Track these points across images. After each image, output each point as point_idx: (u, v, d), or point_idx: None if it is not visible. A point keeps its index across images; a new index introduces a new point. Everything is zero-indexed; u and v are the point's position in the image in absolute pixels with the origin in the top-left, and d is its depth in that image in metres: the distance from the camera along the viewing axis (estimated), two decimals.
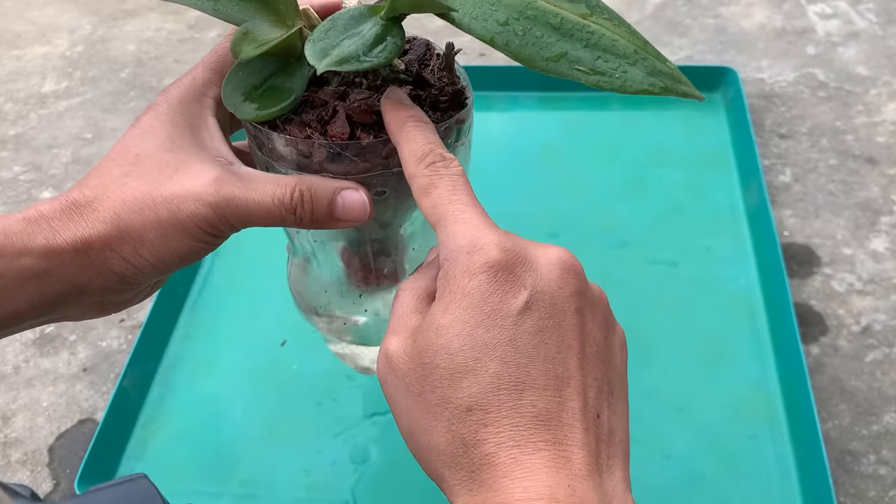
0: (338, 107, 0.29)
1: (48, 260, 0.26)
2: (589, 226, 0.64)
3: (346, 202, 0.28)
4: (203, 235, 0.28)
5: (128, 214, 0.27)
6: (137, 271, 0.28)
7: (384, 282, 0.37)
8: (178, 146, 0.29)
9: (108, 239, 0.27)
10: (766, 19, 0.86)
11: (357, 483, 0.51)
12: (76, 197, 0.28)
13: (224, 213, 0.27)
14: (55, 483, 0.54)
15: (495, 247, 0.25)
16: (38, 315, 0.28)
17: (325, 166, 0.29)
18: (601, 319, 0.27)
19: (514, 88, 0.76)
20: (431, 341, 0.25)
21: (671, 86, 0.27)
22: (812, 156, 0.70)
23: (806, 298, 0.59)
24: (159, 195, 0.27)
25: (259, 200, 0.27)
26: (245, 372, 0.57)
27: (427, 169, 0.27)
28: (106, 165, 0.29)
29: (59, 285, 0.27)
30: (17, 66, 0.92)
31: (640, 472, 0.49)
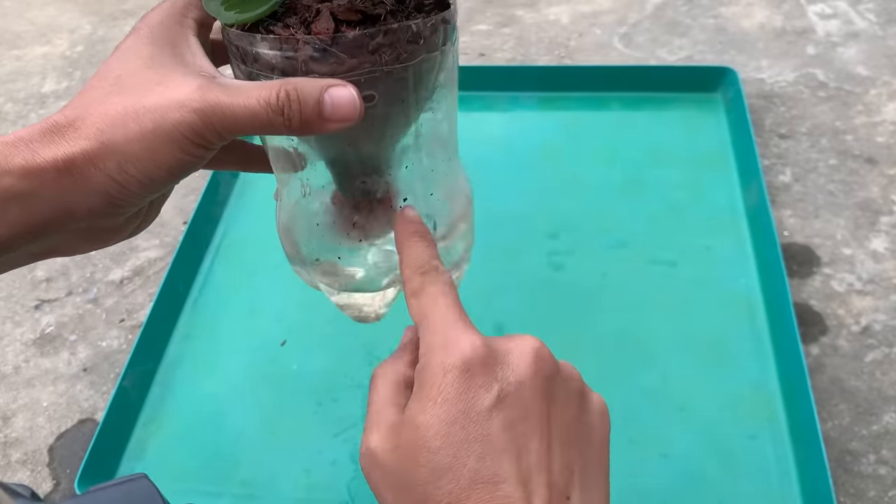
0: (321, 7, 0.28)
1: (28, 180, 0.26)
2: (589, 226, 0.64)
3: (334, 99, 0.27)
4: (190, 146, 0.27)
5: (111, 129, 0.26)
6: (124, 189, 0.27)
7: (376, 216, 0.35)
8: (159, 63, 0.28)
9: (92, 155, 0.26)
10: (765, 19, 0.86)
11: (357, 483, 0.51)
12: (57, 119, 0.27)
13: (210, 120, 0.26)
14: (55, 483, 0.54)
15: (469, 346, 0.27)
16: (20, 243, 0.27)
17: (311, 67, 0.28)
18: (574, 398, 0.29)
19: (514, 88, 0.76)
20: (413, 440, 0.27)
21: None
22: (812, 156, 0.70)
23: (806, 298, 0.59)
24: (142, 107, 0.26)
25: (245, 104, 0.26)
26: (245, 372, 0.57)
27: (420, 276, 0.30)
28: (87, 89, 0.28)
29: (43, 208, 0.26)
30: (18, 67, 0.92)
31: (639, 471, 0.49)
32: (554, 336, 0.57)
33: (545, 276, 0.61)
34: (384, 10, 0.28)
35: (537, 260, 0.62)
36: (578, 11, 0.90)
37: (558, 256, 0.62)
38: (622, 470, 0.49)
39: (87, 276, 0.67)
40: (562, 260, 0.62)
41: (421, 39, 0.29)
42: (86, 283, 0.66)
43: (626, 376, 0.54)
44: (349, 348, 0.57)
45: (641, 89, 0.75)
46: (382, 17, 0.28)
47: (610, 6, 0.90)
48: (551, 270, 0.61)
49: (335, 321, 0.59)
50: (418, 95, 0.31)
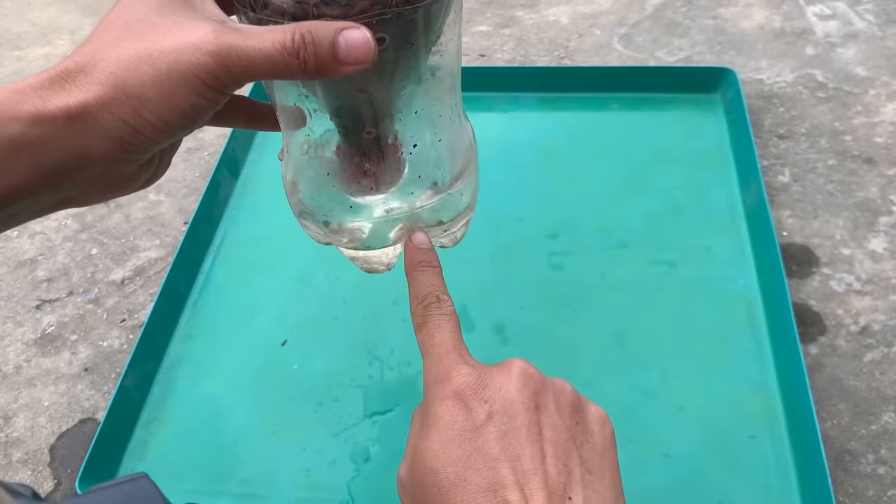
0: None
1: (40, 127, 0.25)
2: (589, 226, 0.64)
3: (348, 41, 0.27)
4: (205, 89, 0.26)
5: (125, 73, 0.26)
6: (138, 134, 0.27)
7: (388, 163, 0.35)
8: (168, 9, 0.28)
9: (106, 100, 0.26)
10: (764, 20, 0.86)
11: (357, 482, 0.51)
12: (66, 65, 0.26)
13: (226, 62, 0.26)
14: (56, 482, 0.54)
15: (458, 376, 0.30)
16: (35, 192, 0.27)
17: (323, 10, 0.28)
18: (567, 408, 0.30)
19: (514, 89, 0.76)
20: (420, 464, 0.29)
21: None
22: (811, 156, 0.70)
23: (805, 298, 0.59)
24: (156, 50, 0.26)
25: (260, 47, 0.26)
26: (246, 371, 0.57)
27: (423, 309, 0.32)
28: (95, 35, 0.27)
29: (55, 154, 0.26)
30: (18, 67, 0.92)
31: (639, 471, 0.49)
32: (554, 336, 0.57)
33: (545, 276, 0.61)
34: None
35: (537, 260, 0.62)
36: (578, 12, 0.90)
37: (558, 256, 0.62)
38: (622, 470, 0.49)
39: (88, 276, 0.67)
40: (562, 260, 0.62)
41: None
42: (87, 283, 0.66)
43: (625, 376, 0.54)
44: (350, 348, 0.58)
45: (641, 90, 0.75)
46: None
47: (609, 7, 0.90)
48: (551, 270, 0.62)
49: (336, 321, 0.60)
50: (427, 38, 0.31)
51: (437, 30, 0.31)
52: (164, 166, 0.32)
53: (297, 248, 0.65)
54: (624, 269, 0.61)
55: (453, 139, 0.36)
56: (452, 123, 0.36)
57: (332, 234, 0.37)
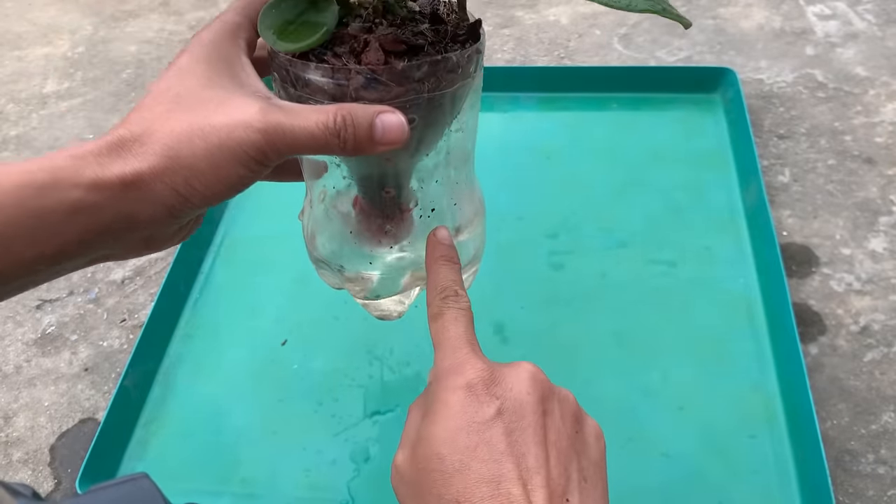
0: (368, 38, 0.31)
1: (97, 193, 0.27)
2: (589, 226, 0.64)
3: (385, 124, 0.29)
4: (252, 163, 0.28)
5: (178, 145, 0.27)
6: (187, 202, 0.28)
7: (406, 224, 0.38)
8: (216, 84, 0.29)
9: (159, 171, 0.27)
10: (764, 20, 0.86)
11: (357, 482, 0.51)
12: (122, 133, 0.28)
13: (273, 140, 0.28)
14: (56, 482, 0.54)
15: (471, 369, 0.31)
16: (85, 251, 0.28)
17: (361, 94, 0.30)
18: (570, 416, 0.32)
19: (514, 89, 0.76)
20: (425, 451, 0.30)
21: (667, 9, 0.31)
22: (811, 156, 0.70)
23: (805, 298, 0.59)
24: (208, 125, 0.28)
25: (304, 126, 0.28)
26: (246, 371, 0.57)
27: (441, 301, 0.34)
28: (146, 105, 0.29)
29: (108, 219, 0.27)
30: (19, 67, 0.92)
31: (639, 471, 0.49)
32: (554, 336, 0.57)
33: (545, 276, 0.61)
34: (425, 40, 0.31)
35: (537, 260, 0.62)
36: (578, 12, 0.90)
37: (558, 256, 0.62)
38: (622, 470, 0.49)
39: (88, 276, 0.67)
40: (562, 260, 0.62)
41: (458, 69, 0.31)
42: (87, 283, 0.66)
43: (625, 376, 0.54)
44: (350, 348, 0.58)
45: (641, 90, 0.75)
46: (424, 47, 0.31)
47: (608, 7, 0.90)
48: (551, 270, 0.62)
49: (336, 321, 0.60)
50: (451, 117, 0.34)
51: (460, 109, 0.34)
52: (197, 225, 0.34)
53: (297, 248, 0.65)
54: (624, 269, 0.61)
55: (466, 200, 0.39)
56: (466, 188, 0.39)
57: (347, 283, 0.40)
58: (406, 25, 0.32)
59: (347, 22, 0.32)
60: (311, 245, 0.40)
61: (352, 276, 0.40)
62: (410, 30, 0.32)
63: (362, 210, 0.37)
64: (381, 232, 0.38)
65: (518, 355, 0.56)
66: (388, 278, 0.40)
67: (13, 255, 0.26)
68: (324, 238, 0.39)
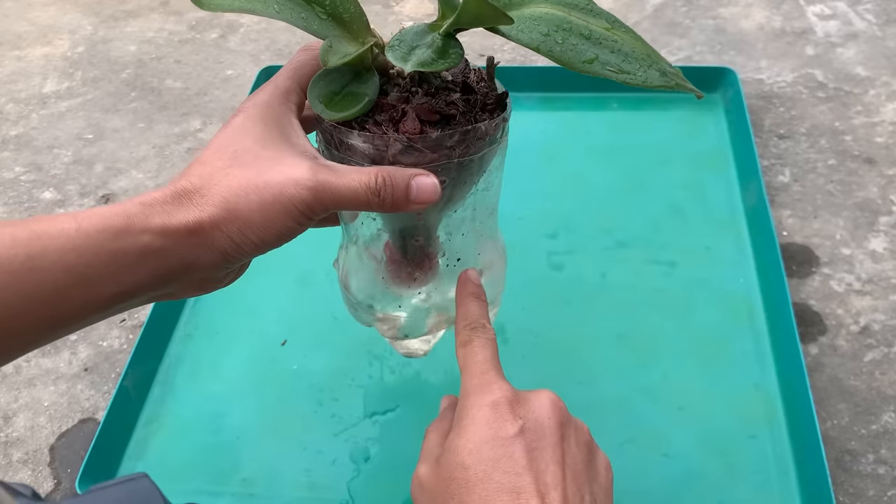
0: (406, 108, 0.34)
1: (164, 238, 0.30)
2: (589, 226, 0.64)
3: (419, 186, 0.33)
4: (300, 216, 0.32)
5: (235, 199, 0.31)
6: (240, 250, 0.32)
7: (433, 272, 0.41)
8: (270, 143, 0.32)
9: (218, 220, 0.31)
10: (765, 20, 0.86)
11: (357, 482, 0.51)
12: (184, 185, 0.31)
13: (320, 196, 0.31)
14: (56, 482, 0.54)
15: (498, 389, 0.34)
16: (152, 289, 0.31)
17: (398, 158, 0.33)
18: (584, 445, 0.34)
19: (515, 89, 0.75)
20: (450, 460, 0.32)
21: (680, 83, 0.33)
22: (811, 156, 0.70)
23: (805, 298, 0.59)
24: (263, 181, 0.31)
25: (349, 185, 0.32)
26: (246, 371, 0.57)
27: (470, 330, 0.37)
28: (206, 160, 0.32)
29: (173, 261, 0.31)
30: (19, 67, 0.92)
31: (639, 471, 0.49)
32: (554, 336, 0.57)
33: (545, 276, 0.61)
34: (457, 110, 0.34)
35: (537, 260, 0.62)
36: None
37: (558, 256, 0.62)
38: (622, 470, 0.49)
39: None
40: (562, 260, 0.62)
41: (486, 136, 0.34)
42: None
43: (625, 376, 0.54)
44: (350, 348, 0.58)
45: (641, 90, 0.75)
46: (456, 117, 0.34)
47: (609, 7, 0.90)
48: (551, 270, 0.62)
49: (336, 321, 0.60)
50: (479, 176, 0.37)
51: (486, 170, 0.37)
52: (243, 270, 0.38)
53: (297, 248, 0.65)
54: (624, 269, 0.61)
55: (489, 250, 0.43)
56: (490, 240, 0.43)
57: (377, 322, 0.44)
58: (439, 94, 0.35)
59: (387, 91, 0.35)
60: (345, 286, 0.44)
61: (382, 317, 0.44)
62: (444, 99, 0.35)
63: (392, 258, 0.41)
64: (409, 278, 0.41)
65: (518, 355, 0.56)
66: (415, 319, 0.44)
67: (95, 292, 0.29)
68: (357, 280, 0.43)
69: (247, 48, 0.92)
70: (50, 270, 0.28)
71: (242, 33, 0.94)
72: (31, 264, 0.28)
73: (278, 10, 0.34)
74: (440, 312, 0.44)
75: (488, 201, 0.40)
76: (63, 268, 0.28)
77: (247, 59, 0.90)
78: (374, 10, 0.94)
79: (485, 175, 0.37)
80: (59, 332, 0.30)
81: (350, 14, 0.34)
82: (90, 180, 0.76)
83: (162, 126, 0.82)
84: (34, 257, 0.28)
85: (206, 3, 0.34)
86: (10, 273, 0.28)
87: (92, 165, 0.78)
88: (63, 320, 0.29)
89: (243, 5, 0.34)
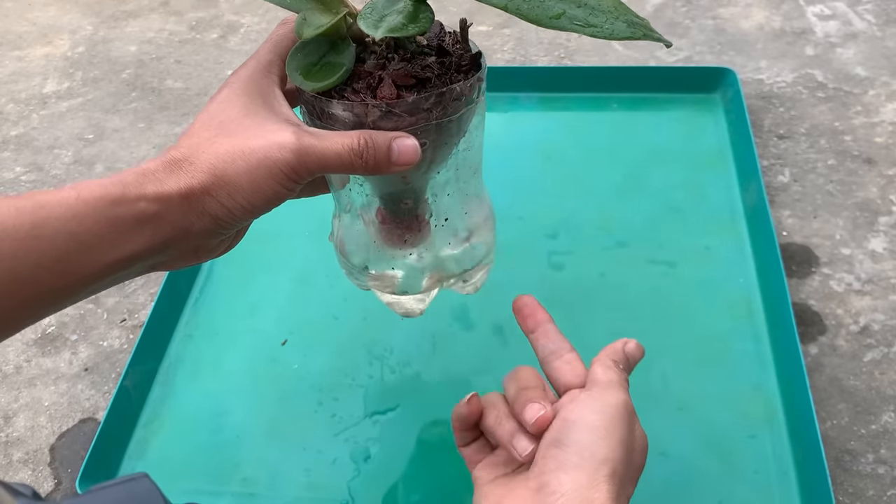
0: (382, 75, 0.34)
1: (159, 204, 0.31)
2: (588, 226, 0.64)
3: (400, 147, 0.34)
4: (286, 180, 0.33)
5: (222, 164, 0.32)
6: (231, 215, 0.33)
7: (422, 233, 0.42)
8: (254, 112, 0.34)
9: (207, 186, 0.32)
10: (764, 20, 0.86)
11: (357, 482, 0.51)
12: (174, 155, 0.33)
13: (304, 160, 0.32)
14: (56, 482, 0.54)
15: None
16: (150, 255, 0.32)
17: (378, 124, 0.34)
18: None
19: (514, 89, 0.76)
20: (641, 444, 0.39)
21: (648, 33, 0.34)
22: (811, 156, 0.70)
23: (804, 298, 0.59)
24: (248, 147, 0.32)
25: (332, 148, 0.33)
26: (246, 371, 0.57)
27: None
28: (194, 131, 0.34)
29: (167, 228, 0.32)
30: (19, 67, 0.92)
31: None
32: None
33: (545, 276, 0.61)
34: (432, 73, 0.35)
35: (537, 260, 0.62)
36: None
37: (558, 256, 0.62)
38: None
39: None
40: (561, 260, 0.62)
41: (463, 96, 0.35)
42: None
43: None
44: (350, 348, 0.58)
45: (641, 90, 0.75)
46: (431, 80, 0.35)
47: None
48: (551, 270, 0.62)
49: (336, 321, 0.60)
50: (458, 137, 0.38)
51: (466, 129, 0.38)
52: (237, 240, 0.39)
53: (297, 248, 0.65)
54: (623, 269, 0.61)
55: (475, 209, 0.44)
56: (476, 198, 0.44)
57: (373, 281, 0.45)
58: (415, 59, 0.36)
59: (364, 58, 0.36)
60: (341, 252, 0.45)
61: (377, 276, 0.44)
62: (419, 63, 0.35)
63: (384, 221, 0.42)
64: (400, 241, 0.42)
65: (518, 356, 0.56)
66: (410, 277, 0.44)
67: (96, 259, 0.30)
68: (352, 245, 0.44)
69: (247, 48, 0.92)
70: (53, 238, 0.29)
71: (242, 33, 0.94)
72: (35, 232, 0.29)
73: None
74: (434, 271, 0.44)
75: (471, 160, 0.41)
76: (66, 235, 0.29)
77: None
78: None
79: (465, 136, 0.38)
80: (64, 300, 0.31)
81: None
82: None
83: (162, 126, 0.82)
84: (38, 225, 0.29)
85: None
86: (17, 241, 0.28)
87: (92, 165, 0.78)
88: (66, 288, 0.30)
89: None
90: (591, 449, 0.35)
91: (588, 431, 0.35)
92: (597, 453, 0.34)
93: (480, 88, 0.37)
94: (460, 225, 0.43)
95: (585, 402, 0.37)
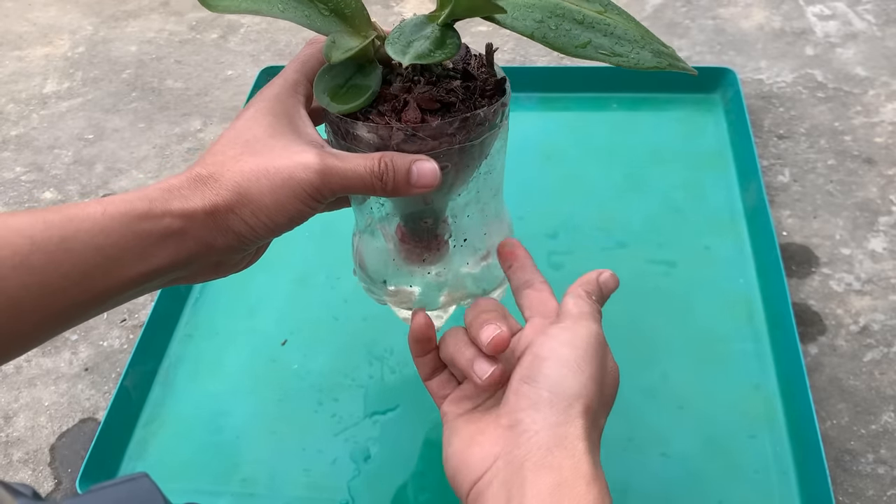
0: (407, 98, 0.35)
1: (184, 220, 0.32)
2: (588, 226, 0.64)
3: (420, 170, 0.34)
4: (308, 199, 0.33)
5: (247, 183, 0.33)
6: (254, 232, 0.33)
7: (441, 253, 0.43)
8: (280, 133, 0.34)
9: (232, 203, 0.32)
10: (764, 20, 0.86)
11: (357, 482, 0.51)
12: (199, 172, 0.33)
13: (327, 180, 0.33)
14: (57, 482, 0.54)
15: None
16: (173, 270, 0.33)
17: (401, 147, 0.34)
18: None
19: (515, 89, 0.75)
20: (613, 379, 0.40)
21: (673, 62, 0.34)
22: (810, 156, 0.70)
23: (804, 298, 0.59)
24: (273, 167, 0.33)
25: (354, 169, 0.33)
26: (246, 371, 0.57)
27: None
28: (219, 149, 0.34)
29: (191, 243, 0.32)
30: (19, 67, 0.92)
31: (639, 471, 0.49)
32: None
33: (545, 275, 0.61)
34: (456, 98, 0.35)
35: (537, 260, 0.61)
36: None
37: (558, 256, 0.62)
38: (622, 470, 0.49)
39: None
40: (561, 260, 0.62)
41: (486, 121, 0.35)
42: None
43: (625, 376, 0.54)
44: (350, 348, 0.58)
45: (641, 90, 0.75)
46: (456, 104, 0.35)
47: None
48: (551, 270, 0.62)
49: (336, 321, 0.60)
50: (481, 161, 0.38)
51: (488, 154, 0.38)
52: (258, 256, 0.40)
53: (297, 248, 0.65)
54: (623, 269, 0.61)
55: (495, 230, 0.44)
56: (496, 219, 0.44)
57: (390, 297, 0.46)
58: (440, 83, 0.36)
59: (390, 80, 0.36)
60: (360, 266, 0.45)
61: (395, 291, 0.45)
62: (444, 87, 0.36)
63: (403, 239, 0.42)
64: (419, 259, 0.43)
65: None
66: (427, 294, 0.45)
67: (122, 272, 0.31)
68: (371, 261, 0.45)
69: (247, 48, 0.92)
70: (82, 251, 0.30)
71: (243, 34, 0.94)
72: (65, 245, 0.29)
73: (282, 10, 0.35)
74: (452, 290, 0.45)
75: (491, 184, 0.41)
76: (94, 248, 0.30)
77: (247, 59, 0.90)
78: (374, 10, 0.95)
79: (487, 159, 0.38)
80: (88, 313, 0.32)
81: (351, 9, 0.35)
82: (91, 180, 0.76)
83: (162, 126, 0.82)
84: (68, 238, 0.29)
85: (213, 4, 0.35)
86: (48, 254, 0.29)
87: (92, 165, 0.78)
88: (92, 300, 0.31)
89: (249, 6, 0.35)
90: (564, 385, 0.34)
91: (560, 367, 0.35)
92: (569, 389, 0.34)
93: (504, 113, 0.37)
94: (479, 245, 0.44)
95: (556, 336, 0.36)
